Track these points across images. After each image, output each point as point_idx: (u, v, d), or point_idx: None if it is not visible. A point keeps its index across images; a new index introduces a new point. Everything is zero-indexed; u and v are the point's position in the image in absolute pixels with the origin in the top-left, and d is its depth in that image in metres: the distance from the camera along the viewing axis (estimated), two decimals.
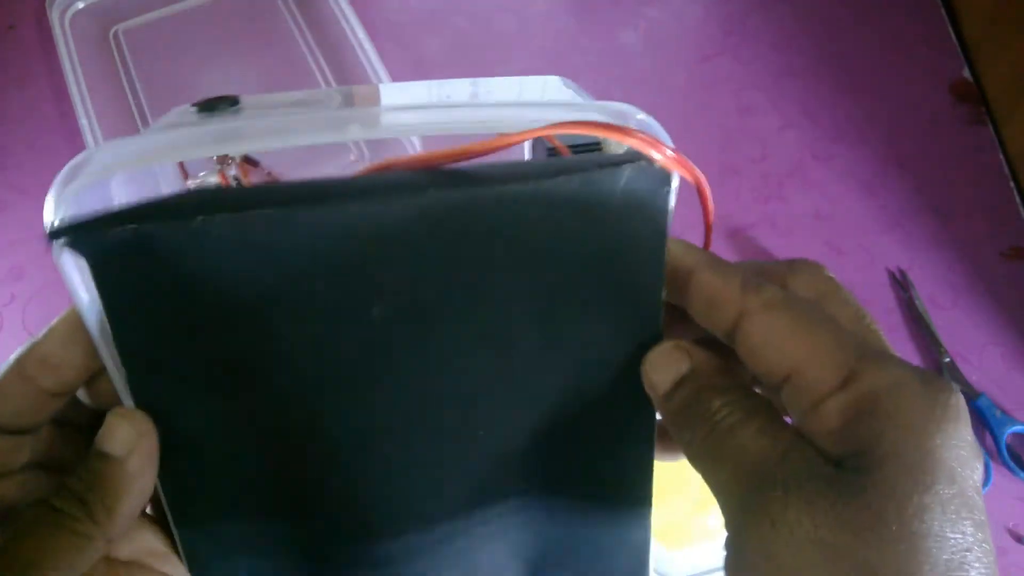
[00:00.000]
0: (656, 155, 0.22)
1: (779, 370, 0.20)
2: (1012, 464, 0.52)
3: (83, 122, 0.55)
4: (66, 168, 0.21)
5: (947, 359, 0.55)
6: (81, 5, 0.62)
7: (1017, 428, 0.52)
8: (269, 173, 0.34)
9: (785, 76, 0.68)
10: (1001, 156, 0.64)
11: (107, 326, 0.19)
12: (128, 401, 0.20)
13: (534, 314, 0.21)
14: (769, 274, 0.22)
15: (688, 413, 0.21)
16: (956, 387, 0.18)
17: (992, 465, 0.53)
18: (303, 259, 0.19)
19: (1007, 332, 0.57)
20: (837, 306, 0.21)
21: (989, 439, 0.53)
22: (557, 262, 0.21)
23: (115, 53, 0.62)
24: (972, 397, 0.54)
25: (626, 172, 0.21)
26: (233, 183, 0.32)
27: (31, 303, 0.54)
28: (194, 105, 0.31)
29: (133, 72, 0.61)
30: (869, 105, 0.66)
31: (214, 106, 0.31)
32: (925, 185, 0.63)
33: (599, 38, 0.69)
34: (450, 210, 0.20)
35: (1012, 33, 0.65)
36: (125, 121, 0.58)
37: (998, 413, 0.53)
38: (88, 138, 0.54)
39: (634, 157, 0.22)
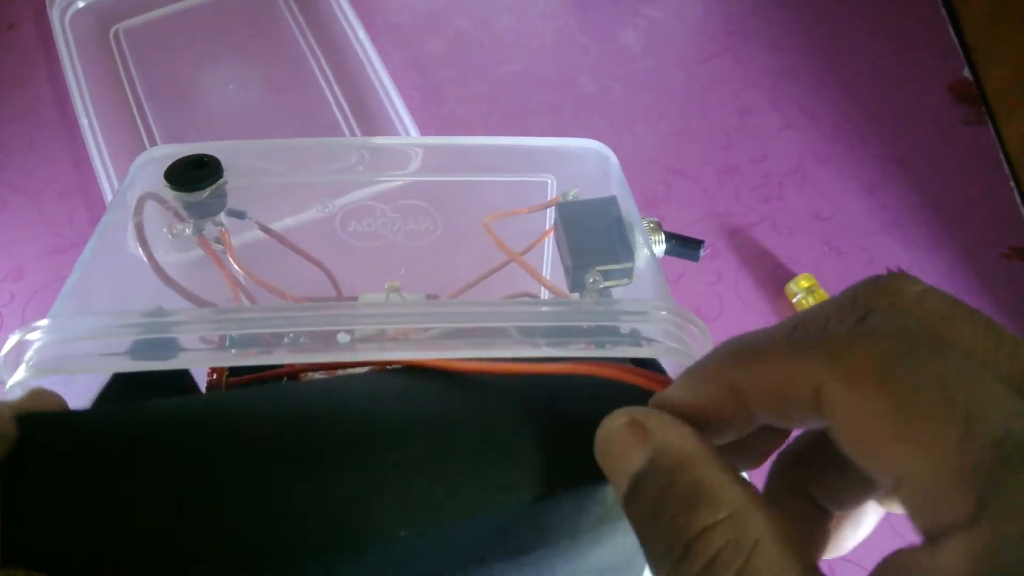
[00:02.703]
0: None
1: (882, 477, 0.13)
2: None
3: (83, 122, 0.55)
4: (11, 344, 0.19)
5: None
6: (81, 5, 0.62)
7: None
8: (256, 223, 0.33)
9: (785, 76, 0.68)
10: (1001, 156, 0.64)
11: None
12: None
13: None
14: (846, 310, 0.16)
15: (655, 532, 0.15)
16: None
17: None
18: None
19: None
20: (960, 330, 0.14)
21: None
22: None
23: (115, 53, 0.62)
24: None
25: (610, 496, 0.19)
26: (216, 247, 0.31)
27: (31, 303, 0.54)
28: (167, 178, 0.29)
29: (133, 71, 0.61)
30: (869, 105, 0.66)
31: (189, 182, 0.29)
32: (925, 185, 0.63)
33: (599, 38, 0.69)
34: None
35: (1012, 33, 0.65)
36: (125, 121, 0.58)
37: None
38: (88, 138, 0.54)
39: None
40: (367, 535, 0.17)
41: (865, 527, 0.20)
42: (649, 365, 0.20)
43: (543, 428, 0.19)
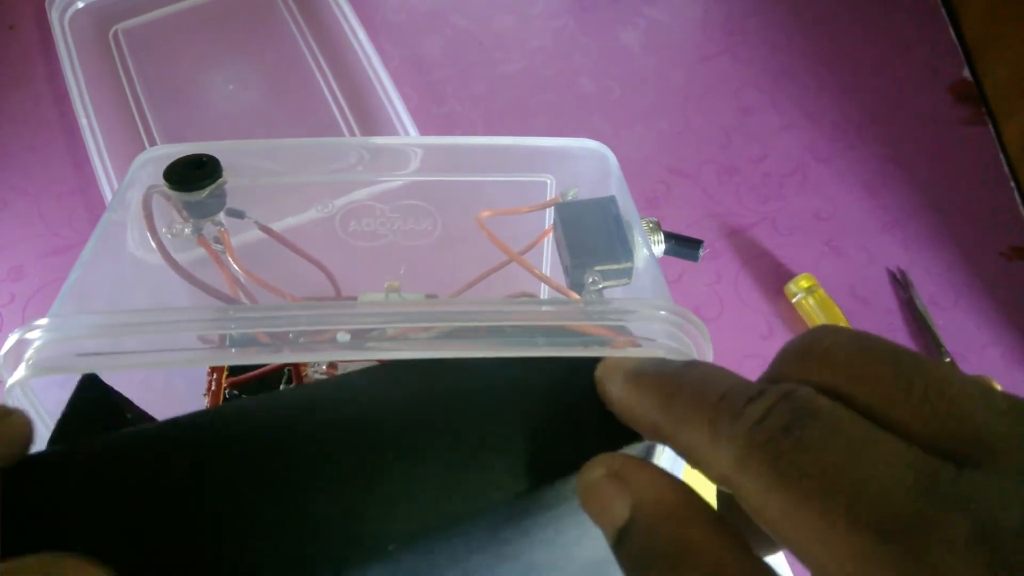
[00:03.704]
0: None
1: (802, 562, 0.13)
2: None
3: (83, 122, 0.55)
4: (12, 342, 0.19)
5: (947, 359, 0.55)
6: (81, 5, 0.62)
7: None
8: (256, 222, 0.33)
9: (785, 76, 0.68)
10: (1001, 156, 0.64)
11: None
12: None
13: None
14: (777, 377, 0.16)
15: None
16: None
17: None
18: None
19: (1007, 332, 0.57)
20: (867, 385, 0.14)
21: None
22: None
23: (115, 53, 0.62)
24: None
25: None
26: (216, 246, 0.31)
27: (31, 303, 0.54)
28: (166, 178, 0.29)
29: (133, 72, 0.61)
30: (869, 105, 0.66)
31: (188, 182, 0.29)
32: (925, 185, 0.63)
33: (599, 38, 0.69)
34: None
35: (1012, 33, 0.65)
36: (125, 121, 0.58)
37: None
38: (88, 138, 0.54)
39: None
40: (355, 553, 0.17)
41: None
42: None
43: (517, 418, 0.19)
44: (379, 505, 0.17)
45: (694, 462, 0.15)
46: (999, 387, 0.15)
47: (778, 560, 0.47)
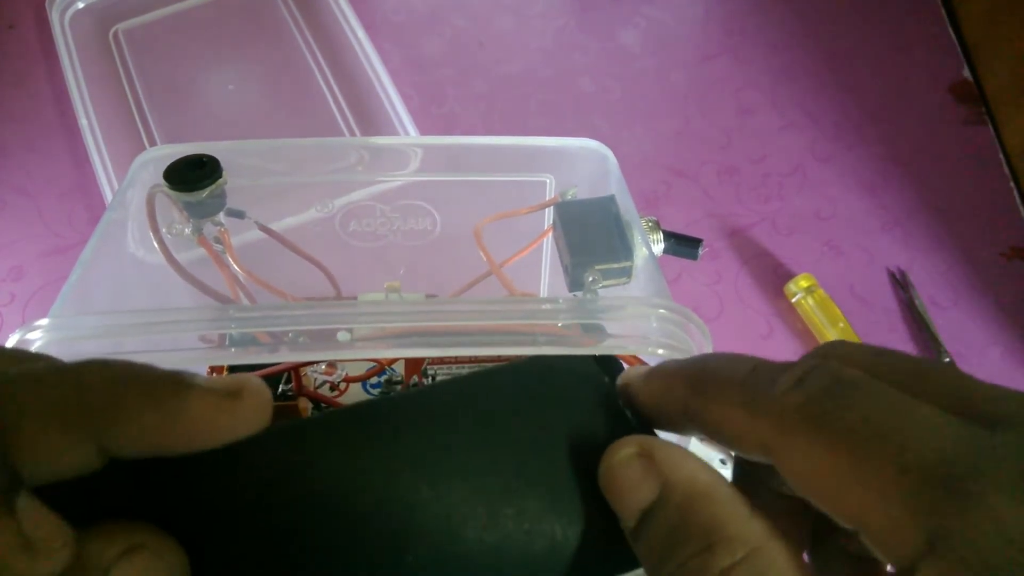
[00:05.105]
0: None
1: (841, 521, 0.14)
2: None
3: (83, 122, 0.55)
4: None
5: (947, 359, 0.55)
6: (81, 5, 0.62)
7: None
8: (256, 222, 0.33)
9: (785, 76, 0.68)
10: (1001, 156, 0.64)
11: None
12: None
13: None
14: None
15: (667, 572, 0.14)
16: None
17: None
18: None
19: (1007, 332, 0.57)
20: (887, 371, 0.15)
21: None
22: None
23: (115, 53, 0.62)
24: None
25: None
26: (216, 246, 0.31)
27: (31, 303, 0.54)
28: (166, 178, 0.29)
29: (133, 72, 0.61)
30: (869, 105, 0.66)
31: (188, 182, 0.29)
32: (925, 185, 0.63)
33: (599, 38, 0.69)
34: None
35: (1012, 33, 0.65)
36: (125, 121, 0.58)
37: None
38: (88, 138, 0.54)
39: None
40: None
41: None
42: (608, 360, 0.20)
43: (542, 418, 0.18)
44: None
45: (728, 438, 0.15)
46: None
47: None
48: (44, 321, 0.20)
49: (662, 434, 0.18)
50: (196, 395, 0.15)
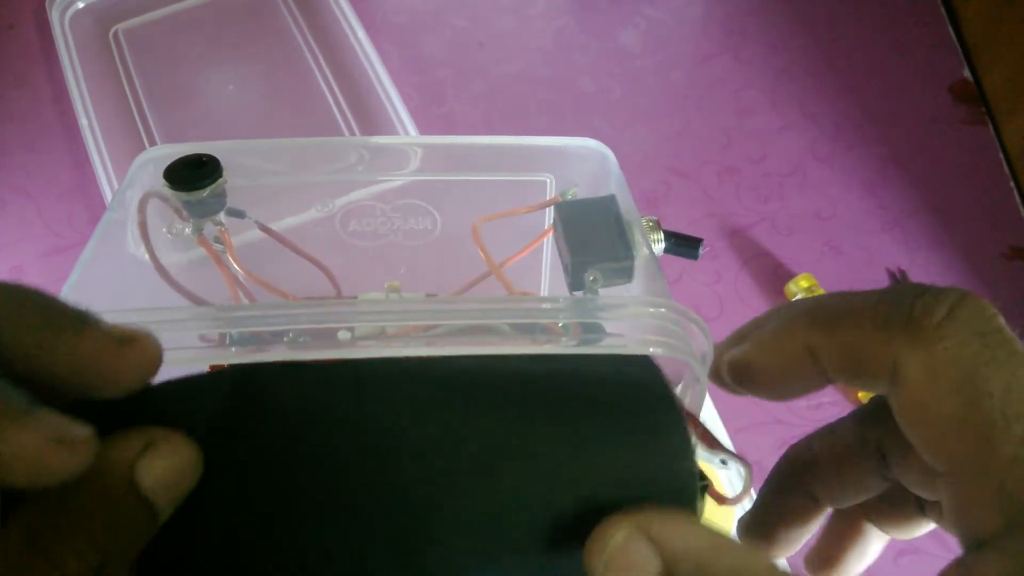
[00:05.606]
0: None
1: (931, 460, 0.14)
2: None
3: (83, 122, 0.55)
4: None
5: None
6: (81, 5, 0.62)
7: None
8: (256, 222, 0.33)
9: (785, 76, 0.68)
10: (1001, 156, 0.64)
11: None
12: None
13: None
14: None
15: None
16: None
17: None
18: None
19: None
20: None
21: None
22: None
23: (115, 53, 0.62)
24: None
25: None
26: (216, 246, 0.31)
27: None
28: (166, 178, 0.29)
29: (133, 72, 0.61)
30: (869, 105, 0.66)
31: (188, 182, 0.29)
32: (925, 185, 0.63)
33: (599, 38, 0.69)
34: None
35: (1012, 33, 0.65)
36: (125, 121, 0.58)
37: None
38: (88, 138, 0.54)
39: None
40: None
41: (870, 554, 0.20)
42: (640, 360, 0.20)
43: (548, 416, 0.18)
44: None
45: (855, 363, 0.16)
46: None
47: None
48: None
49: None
50: (90, 333, 0.15)
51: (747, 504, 0.26)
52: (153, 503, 0.15)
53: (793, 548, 0.21)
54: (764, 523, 0.21)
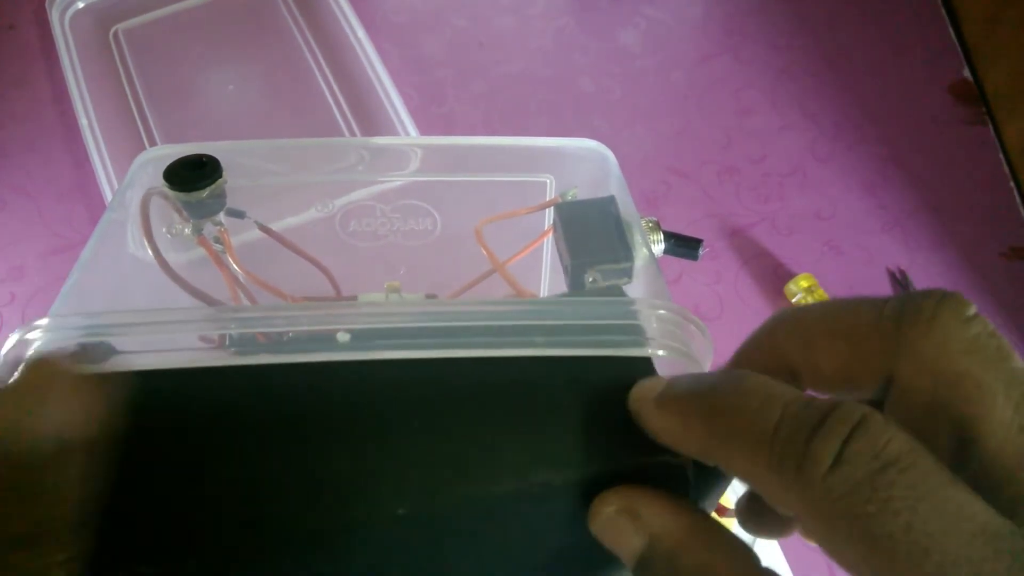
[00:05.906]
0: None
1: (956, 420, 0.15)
2: None
3: (83, 122, 0.55)
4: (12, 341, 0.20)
5: None
6: (81, 5, 0.62)
7: None
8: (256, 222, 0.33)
9: (785, 76, 0.68)
10: (1001, 156, 0.64)
11: None
12: None
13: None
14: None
15: None
16: None
17: None
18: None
19: (1007, 332, 0.57)
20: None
21: None
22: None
23: (115, 53, 0.62)
24: None
25: None
26: (216, 246, 0.31)
27: (31, 303, 0.54)
28: (166, 178, 0.29)
29: (133, 72, 0.61)
30: (869, 105, 0.66)
31: (188, 182, 0.29)
32: (925, 185, 0.63)
33: (599, 38, 0.69)
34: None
35: (1012, 33, 0.65)
36: (125, 121, 0.58)
37: None
38: (88, 138, 0.54)
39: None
40: (364, 512, 0.17)
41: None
42: (642, 363, 0.20)
43: (548, 407, 0.19)
44: (397, 468, 0.17)
45: (754, 488, 0.15)
46: None
47: (779, 562, 0.47)
48: (44, 321, 0.20)
49: None
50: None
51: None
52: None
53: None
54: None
